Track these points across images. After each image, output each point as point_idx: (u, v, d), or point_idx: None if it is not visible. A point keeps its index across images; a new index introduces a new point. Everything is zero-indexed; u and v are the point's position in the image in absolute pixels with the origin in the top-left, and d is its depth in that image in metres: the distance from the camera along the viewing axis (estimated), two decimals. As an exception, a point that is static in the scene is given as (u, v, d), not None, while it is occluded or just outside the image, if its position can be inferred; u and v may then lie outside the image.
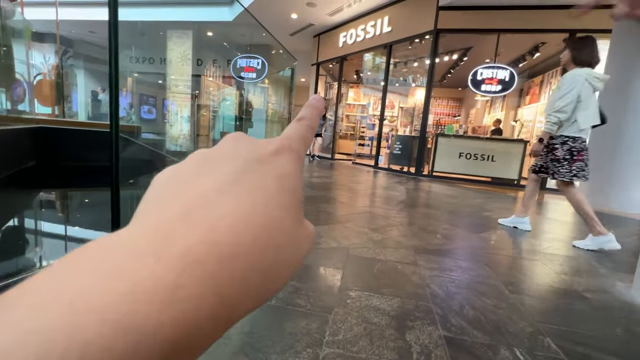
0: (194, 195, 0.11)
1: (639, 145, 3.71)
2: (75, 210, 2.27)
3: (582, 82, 2.09)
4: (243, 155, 0.13)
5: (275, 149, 0.14)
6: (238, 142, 0.14)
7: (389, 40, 6.69)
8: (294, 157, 0.14)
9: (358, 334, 0.99)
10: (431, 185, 5.03)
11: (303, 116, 0.17)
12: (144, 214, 0.11)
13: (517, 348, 0.99)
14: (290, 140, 0.15)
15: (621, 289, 1.53)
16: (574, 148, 2.16)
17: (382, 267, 1.54)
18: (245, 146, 0.14)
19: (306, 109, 0.18)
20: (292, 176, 0.13)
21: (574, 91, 2.09)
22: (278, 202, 0.12)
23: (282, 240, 0.11)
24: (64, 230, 1.81)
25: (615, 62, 3.84)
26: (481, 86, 5.72)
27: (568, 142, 2.17)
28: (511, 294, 1.36)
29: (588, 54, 2.17)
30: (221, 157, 0.13)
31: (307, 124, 0.17)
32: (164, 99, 8.92)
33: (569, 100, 2.09)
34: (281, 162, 0.13)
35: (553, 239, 2.33)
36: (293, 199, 0.13)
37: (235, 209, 0.11)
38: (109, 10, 0.84)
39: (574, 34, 5.25)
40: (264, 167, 0.13)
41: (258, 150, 0.13)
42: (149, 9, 7.49)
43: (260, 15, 7.23)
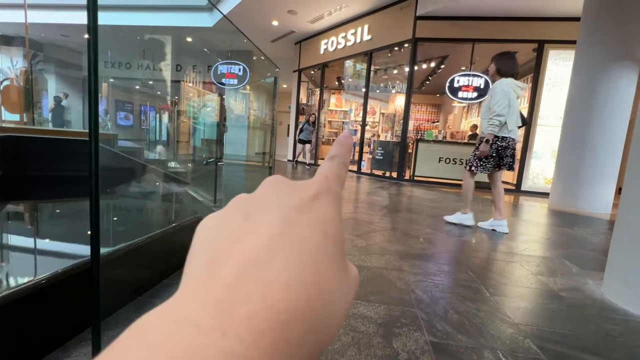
0: (243, 254, 0.11)
1: (604, 149, 3.95)
2: (47, 222, 2.16)
3: (509, 90, 2.48)
4: (284, 203, 0.13)
5: (315, 192, 0.14)
6: (278, 187, 0.14)
7: (369, 48, 6.83)
8: (333, 199, 0.14)
9: (346, 344, 0.99)
10: (413, 189, 5.13)
11: (335, 154, 0.17)
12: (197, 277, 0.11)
13: (500, 350, 1.02)
14: (328, 181, 0.15)
15: (592, 287, 1.61)
16: (500, 147, 2.55)
17: (368, 274, 1.55)
18: (285, 192, 0.14)
19: (337, 147, 0.18)
20: (334, 220, 0.13)
21: (505, 98, 2.46)
22: (324, 253, 0.12)
23: (332, 295, 0.11)
24: (34, 243, 1.71)
25: (580, 72, 4.08)
26: (458, 93, 5.93)
27: (497, 142, 2.55)
28: (492, 297, 1.41)
29: (510, 66, 2.56)
30: (263, 206, 0.13)
31: (340, 162, 0.17)
32: (141, 105, 8.68)
33: (504, 105, 2.45)
34: (322, 207, 0.13)
35: (529, 241, 2.43)
36: (336, 245, 0.13)
37: (284, 268, 0.11)
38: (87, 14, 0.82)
39: (542, 44, 5.56)
40: (306, 215, 0.13)
41: (298, 195, 0.14)
42: (126, 13, 7.31)
43: (241, 21, 7.21)
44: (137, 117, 9.71)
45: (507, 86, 2.48)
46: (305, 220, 0.12)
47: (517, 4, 5.10)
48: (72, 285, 0.97)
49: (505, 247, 2.22)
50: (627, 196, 1.55)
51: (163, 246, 1.42)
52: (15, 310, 0.83)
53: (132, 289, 1.19)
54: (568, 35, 5.16)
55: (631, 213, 1.51)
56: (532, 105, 5.78)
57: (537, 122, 5.74)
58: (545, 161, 5.76)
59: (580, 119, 4.05)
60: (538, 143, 5.77)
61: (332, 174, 0.16)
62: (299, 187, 0.14)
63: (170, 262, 1.45)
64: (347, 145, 0.18)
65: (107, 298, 1.01)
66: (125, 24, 7.11)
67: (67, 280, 0.96)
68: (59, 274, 0.95)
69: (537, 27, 5.48)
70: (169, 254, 1.47)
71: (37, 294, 0.88)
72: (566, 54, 5.43)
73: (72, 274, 0.98)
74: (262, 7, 6.66)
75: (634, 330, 1.23)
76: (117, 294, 1.12)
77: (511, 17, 5.51)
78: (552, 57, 5.59)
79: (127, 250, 1.18)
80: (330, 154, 0.17)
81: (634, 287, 1.42)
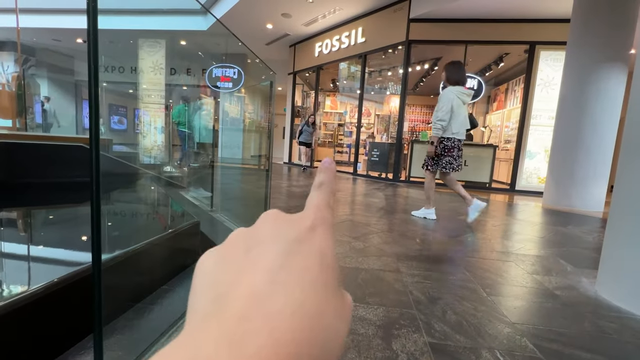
0: (248, 287, 0.12)
1: (595, 148, 4.01)
2: (40, 229, 2.14)
3: (453, 97, 2.77)
4: (283, 236, 0.14)
5: (311, 224, 0.14)
6: (276, 220, 0.15)
7: (363, 50, 6.87)
8: (327, 229, 0.15)
9: (346, 346, 1.00)
10: (409, 190, 5.16)
11: (322, 182, 0.18)
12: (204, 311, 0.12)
13: (498, 350, 1.03)
14: (322, 211, 0.16)
15: (586, 285, 1.64)
16: (446, 146, 2.85)
17: (366, 276, 1.56)
18: (283, 225, 0.15)
19: (322, 175, 0.18)
20: (329, 251, 0.14)
21: (448, 104, 2.76)
22: (322, 283, 0.12)
23: (333, 323, 0.12)
24: (27, 250, 1.69)
25: (570, 73, 4.15)
26: (452, 94, 5.98)
27: (443, 142, 2.86)
28: (489, 297, 1.42)
29: (458, 75, 2.85)
30: (263, 239, 0.14)
31: (328, 190, 0.17)
32: (135, 109, 8.63)
33: (446, 111, 2.77)
34: (318, 238, 0.14)
35: (524, 240, 2.46)
36: (333, 275, 0.13)
37: (287, 300, 0.11)
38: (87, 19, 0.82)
39: (533, 45, 5.64)
40: (304, 246, 0.13)
41: (296, 228, 0.14)
42: (120, 17, 7.28)
43: (236, 24, 7.22)
44: (131, 121, 9.65)
45: (452, 94, 2.78)
46: (304, 251, 0.13)
47: (508, 6, 5.17)
48: (69, 294, 0.97)
49: (501, 246, 2.24)
50: (619, 194, 1.58)
51: (161, 252, 1.42)
52: (12, 320, 0.82)
53: (131, 296, 1.18)
54: (559, 37, 5.25)
55: (623, 211, 1.54)
56: (524, 106, 5.85)
57: (530, 122, 5.82)
58: (539, 160, 5.83)
59: (571, 118, 4.11)
60: (531, 143, 5.85)
61: (323, 203, 0.16)
62: (296, 219, 0.15)
63: (168, 267, 1.45)
64: (332, 171, 0.18)
65: (106, 305, 1.00)
66: (119, 28, 7.07)
67: (64, 288, 0.96)
68: (55, 283, 0.95)
69: (528, 28, 5.56)
70: (168, 260, 1.47)
71: (34, 304, 0.87)
72: (557, 54, 5.51)
73: (69, 283, 0.97)
74: (256, 10, 6.68)
75: (628, 326, 1.25)
76: (115, 301, 1.12)
77: (503, 19, 5.59)
78: (543, 58, 5.67)
79: (126, 257, 1.18)
80: (316, 182, 0.18)
81: (626, 284, 1.45)
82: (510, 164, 6.27)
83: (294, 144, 9.68)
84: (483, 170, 6.03)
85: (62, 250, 1.70)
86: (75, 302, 0.97)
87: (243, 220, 2.56)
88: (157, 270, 1.36)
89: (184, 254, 1.62)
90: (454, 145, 2.84)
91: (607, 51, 3.87)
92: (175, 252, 1.53)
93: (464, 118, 2.83)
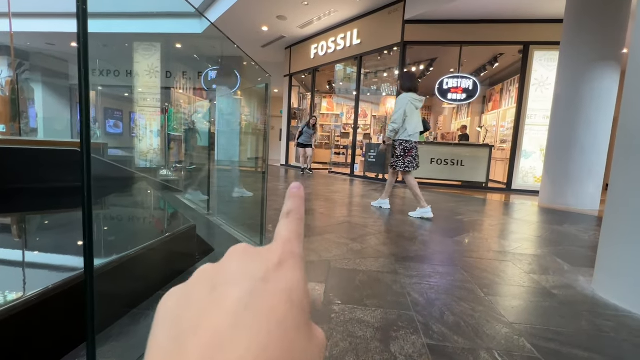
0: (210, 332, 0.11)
1: (590, 147, 4.04)
2: (34, 235, 2.12)
3: (406, 102, 3.06)
4: (249, 274, 0.13)
5: (279, 260, 0.14)
6: (243, 256, 0.15)
7: (359, 51, 6.89)
8: (296, 263, 0.14)
9: (344, 350, 0.99)
10: (406, 191, 5.17)
11: (290, 209, 0.17)
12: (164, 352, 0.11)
13: (496, 350, 1.03)
14: (290, 244, 0.15)
15: (583, 283, 1.64)
16: (405, 147, 3.14)
17: (364, 277, 1.56)
18: (250, 262, 0.14)
19: (291, 202, 0.18)
20: (298, 286, 0.13)
21: (401, 110, 3.07)
22: (291, 322, 0.12)
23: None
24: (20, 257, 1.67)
25: (564, 73, 4.18)
26: (447, 95, 6.01)
27: (402, 144, 3.15)
28: (487, 297, 1.42)
29: (410, 83, 3.17)
30: (228, 277, 0.13)
31: (297, 218, 0.17)
32: (130, 113, 8.59)
33: (398, 116, 3.08)
34: (286, 275, 0.14)
35: (521, 239, 2.47)
36: (303, 312, 0.13)
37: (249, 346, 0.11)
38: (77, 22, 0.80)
39: (527, 45, 5.68)
40: (271, 285, 0.13)
41: (263, 265, 0.14)
42: (114, 20, 7.26)
43: (231, 27, 7.22)
44: (127, 125, 9.60)
45: (405, 99, 3.08)
46: (271, 290, 0.13)
47: (502, 7, 5.21)
48: (63, 300, 0.95)
49: (498, 246, 2.25)
50: (614, 193, 1.59)
51: (157, 256, 1.41)
52: (6, 328, 0.81)
53: (126, 302, 1.17)
54: (552, 37, 5.29)
55: (618, 209, 1.55)
56: (519, 105, 5.89)
57: (525, 122, 5.86)
58: (534, 160, 5.87)
59: (566, 118, 4.14)
60: (526, 142, 5.88)
61: (292, 234, 0.16)
62: (263, 254, 0.15)
63: (165, 272, 1.43)
64: (300, 198, 0.18)
65: (101, 312, 0.99)
66: (114, 32, 7.05)
67: (58, 295, 0.94)
68: (49, 290, 0.94)
69: (523, 29, 5.60)
70: (164, 264, 1.46)
71: (27, 311, 0.86)
72: (551, 54, 5.56)
73: (63, 289, 0.96)
74: (251, 12, 6.68)
75: (624, 325, 1.26)
76: (110, 308, 1.10)
77: (497, 20, 5.63)
78: (537, 58, 5.72)
79: (121, 262, 1.16)
80: (284, 209, 0.17)
81: (622, 282, 1.45)
82: (506, 163, 6.31)
83: (291, 146, 9.68)
84: (480, 170, 6.05)
85: (56, 256, 1.68)
86: (70, 308, 0.96)
87: (239, 222, 2.55)
88: (153, 275, 1.35)
89: (180, 258, 1.60)
90: (412, 146, 3.16)
91: (600, 51, 3.90)
92: (171, 256, 1.52)
93: (417, 121, 3.16)
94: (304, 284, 0.14)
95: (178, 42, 7.99)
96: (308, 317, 0.13)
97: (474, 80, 5.90)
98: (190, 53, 8.57)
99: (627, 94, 1.56)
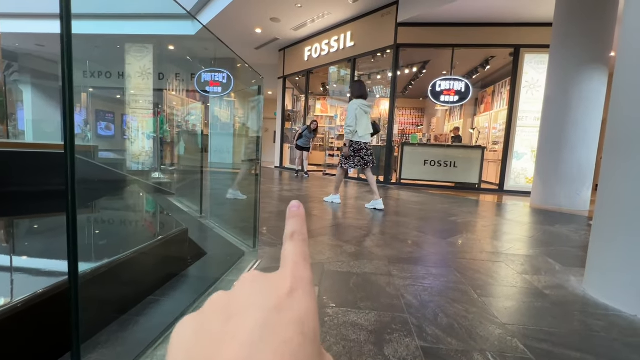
0: None
1: (579, 148, 4.10)
2: (24, 239, 2.07)
3: (356, 108, 3.46)
4: (262, 304, 0.14)
5: (290, 288, 0.14)
6: (254, 284, 0.15)
7: (352, 54, 6.92)
8: (306, 291, 0.15)
9: (338, 353, 0.98)
10: (400, 193, 5.19)
11: (293, 231, 0.17)
12: None
13: (489, 352, 1.03)
14: (299, 268, 0.15)
15: (574, 283, 1.66)
16: (355, 148, 3.52)
17: (358, 280, 1.55)
18: (262, 290, 0.14)
19: (292, 222, 0.18)
20: (310, 315, 0.14)
21: (353, 113, 3.45)
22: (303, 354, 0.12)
23: None
24: (7, 262, 1.63)
25: (554, 75, 4.24)
26: (440, 97, 6.07)
27: (353, 145, 3.53)
28: (480, 298, 1.43)
29: (359, 91, 3.57)
30: (242, 307, 0.14)
31: (301, 239, 0.17)
32: (122, 115, 8.50)
33: (351, 119, 3.46)
34: (299, 304, 0.14)
35: (513, 240, 2.49)
36: (314, 341, 0.13)
37: None
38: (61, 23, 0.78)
39: (518, 48, 5.77)
40: (285, 314, 0.13)
41: (275, 293, 0.14)
42: (105, 21, 7.18)
43: (224, 29, 7.20)
44: (119, 127, 9.49)
45: (355, 105, 3.46)
46: (285, 321, 0.13)
47: (493, 10, 5.28)
48: (51, 307, 0.93)
49: (491, 247, 2.27)
50: (603, 193, 1.61)
51: (148, 261, 1.38)
52: (-11, 337, 0.79)
53: (115, 308, 1.15)
54: (542, 40, 5.38)
55: (607, 210, 1.57)
56: (510, 107, 5.96)
57: (517, 124, 5.93)
58: (526, 161, 5.94)
59: (556, 119, 4.20)
60: (518, 143, 5.96)
61: (299, 257, 0.16)
62: (274, 282, 0.15)
63: (155, 277, 1.41)
64: (301, 217, 0.18)
65: (89, 318, 0.97)
66: (105, 33, 6.97)
67: (45, 301, 0.92)
68: (36, 296, 0.91)
69: (513, 32, 5.69)
70: (154, 269, 1.44)
71: (13, 318, 0.84)
72: (541, 57, 5.65)
73: (51, 295, 0.93)
74: (244, 15, 6.67)
75: (614, 324, 1.27)
76: (99, 314, 1.08)
77: (488, 23, 5.70)
78: (527, 61, 5.80)
79: (109, 267, 1.14)
80: (288, 231, 0.17)
81: (612, 282, 1.47)
82: (498, 164, 6.38)
83: (285, 147, 9.66)
84: (472, 172, 6.11)
85: (44, 261, 1.65)
86: (57, 315, 0.94)
87: (232, 225, 2.53)
88: (143, 280, 1.33)
89: (171, 263, 1.58)
90: (361, 147, 3.52)
91: (588, 54, 3.97)
92: (162, 260, 1.50)
93: (366, 125, 3.55)
94: (315, 312, 0.14)
95: (171, 44, 7.93)
96: (319, 346, 0.13)
97: (466, 83, 5.97)
98: (183, 55, 8.51)
99: (615, 95, 1.59)
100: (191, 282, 1.53)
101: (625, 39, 1.57)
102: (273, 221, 2.72)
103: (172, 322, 1.11)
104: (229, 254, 1.91)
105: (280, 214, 3.03)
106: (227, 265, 1.67)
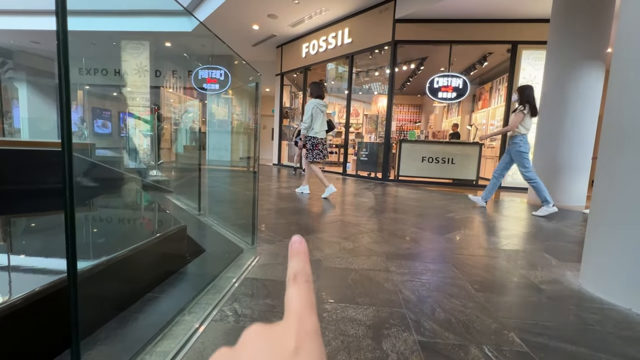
0: None
1: (576, 144, 4.12)
2: (22, 237, 2.06)
3: (312, 107, 3.86)
4: None
5: (295, 346, 0.14)
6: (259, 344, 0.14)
7: (350, 50, 6.90)
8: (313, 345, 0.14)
9: (336, 348, 0.99)
10: (398, 189, 5.20)
11: (296, 272, 0.16)
12: None
13: (486, 346, 1.04)
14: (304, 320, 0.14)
15: (570, 278, 1.68)
16: (313, 143, 3.93)
17: (356, 276, 1.56)
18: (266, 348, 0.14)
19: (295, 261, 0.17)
20: None
21: (309, 112, 3.86)
22: None
23: None
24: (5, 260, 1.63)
25: (551, 72, 4.25)
26: (438, 93, 6.06)
27: (311, 140, 3.94)
28: (477, 293, 1.44)
29: (317, 91, 3.94)
30: None
31: (305, 281, 0.16)
32: (119, 112, 8.46)
33: (307, 116, 3.87)
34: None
35: (511, 235, 2.51)
36: None
37: None
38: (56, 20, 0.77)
39: (515, 45, 5.77)
40: None
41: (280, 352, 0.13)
42: (101, 18, 7.11)
43: (221, 26, 7.15)
44: (116, 125, 9.44)
45: (313, 104, 3.87)
46: None
47: (491, 6, 5.27)
48: (50, 304, 0.93)
49: (488, 242, 2.28)
50: (599, 189, 1.62)
51: (146, 258, 1.39)
52: (-12, 334, 0.79)
53: (114, 305, 1.15)
54: (539, 36, 5.38)
55: (602, 206, 1.58)
56: (508, 104, 5.97)
57: (514, 120, 5.94)
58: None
59: (553, 115, 4.21)
60: (515, 140, 5.96)
61: (304, 305, 0.15)
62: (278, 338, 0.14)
63: (154, 274, 1.41)
64: (304, 254, 0.17)
65: (88, 316, 0.97)
66: (101, 29, 6.90)
67: (44, 299, 0.92)
68: (35, 293, 0.91)
69: (511, 28, 5.68)
70: (153, 266, 1.44)
71: (12, 316, 0.84)
72: (538, 54, 5.65)
73: (49, 292, 0.94)
74: (242, 11, 6.62)
75: (609, 317, 1.29)
76: (98, 311, 1.08)
77: (486, 20, 5.69)
78: (525, 57, 5.80)
79: (108, 264, 1.14)
80: (290, 272, 0.16)
81: (607, 276, 1.49)
82: (496, 161, 6.40)
83: (284, 145, 9.64)
84: (470, 168, 6.13)
85: (42, 259, 1.65)
86: (57, 312, 0.94)
87: (231, 222, 2.53)
88: (141, 277, 1.33)
89: (170, 260, 1.58)
90: (318, 142, 3.93)
91: (585, 50, 3.98)
92: (161, 257, 1.50)
93: (322, 122, 3.93)
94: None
95: (167, 41, 7.87)
96: None
97: (464, 79, 5.97)
98: (180, 51, 8.46)
99: (612, 92, 1.60)
100: (190, 279, 1.53)
101: (622, 36, 1.57)
102: (271, 218, 2.72)
103: (170, 319, 1.12)
104: (227, 251, 1.92)
105: (278, 211, 3.03)
106: (226, 262, 1.68)
